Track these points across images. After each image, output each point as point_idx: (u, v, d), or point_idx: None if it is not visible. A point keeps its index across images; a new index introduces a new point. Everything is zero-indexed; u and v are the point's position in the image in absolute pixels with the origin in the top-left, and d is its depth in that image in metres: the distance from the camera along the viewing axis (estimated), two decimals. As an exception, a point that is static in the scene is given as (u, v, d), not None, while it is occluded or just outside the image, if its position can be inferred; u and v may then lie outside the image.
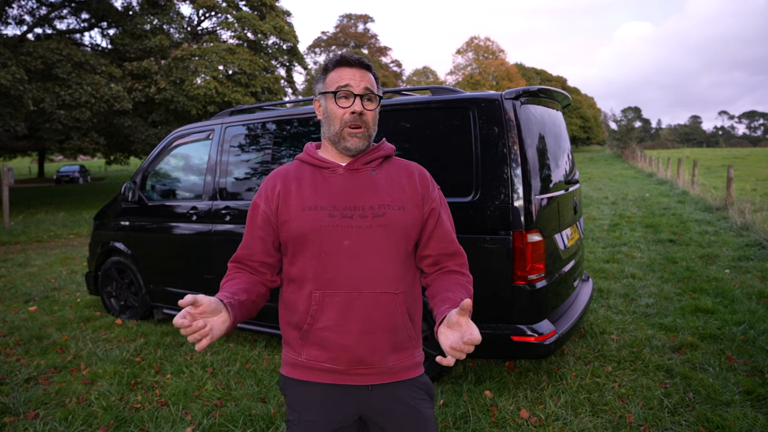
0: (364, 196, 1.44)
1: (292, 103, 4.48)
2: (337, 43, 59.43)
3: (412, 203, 1.47)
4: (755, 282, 5.43)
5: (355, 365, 1.42)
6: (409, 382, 1.48)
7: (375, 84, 1.49)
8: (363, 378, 1.44)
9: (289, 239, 1.45)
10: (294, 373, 1.49)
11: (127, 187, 4.85)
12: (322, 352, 1.43)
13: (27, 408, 3.24)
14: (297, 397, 1.48)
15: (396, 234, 1.43)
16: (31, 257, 8.75)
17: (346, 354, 1.41)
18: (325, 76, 1.49)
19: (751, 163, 30.92)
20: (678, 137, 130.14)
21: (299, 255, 1.44)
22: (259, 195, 1.51)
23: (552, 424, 2.88)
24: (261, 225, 1.48)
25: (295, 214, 1.43)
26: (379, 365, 1.43)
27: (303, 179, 1.48)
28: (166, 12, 20.30)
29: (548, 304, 3.19)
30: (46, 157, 43.43)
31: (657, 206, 11.93)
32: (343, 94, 1.44)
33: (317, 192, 1.44)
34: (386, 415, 1.45)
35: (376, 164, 1.51)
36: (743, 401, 3.02)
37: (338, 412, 1.44)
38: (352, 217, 1.41)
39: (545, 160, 3.38)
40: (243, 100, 19.16)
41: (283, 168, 1.54)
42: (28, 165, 55.76)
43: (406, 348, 1.48)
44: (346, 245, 1.40)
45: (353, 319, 1.40)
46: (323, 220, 1.41)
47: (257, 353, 4.04)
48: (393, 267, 1.43)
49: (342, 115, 1.44)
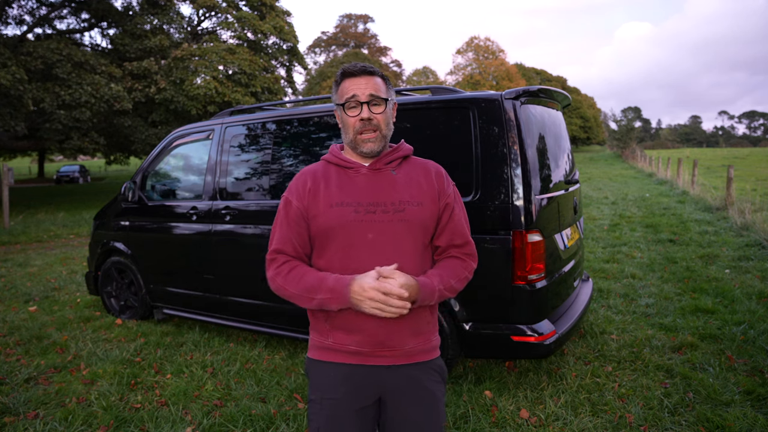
0: (385, 194, 1.58)
1: (292, 103, 4.48)
2: (337, 43, 59.45)
3: (429, 199, 1.61)
4: (755, 282, 5.43)
5: (378, 348, 1.56)
6: (426, 365, 1.62)
7: (382, 87, 1.60)
8: (385, 359, 1.57)
9: (318, 233, 1.59)
10: (321, 355, 1.62)
11: (127, 187, 4.85)
12: (348, 335, 1.57)
13: (27, 408, 3.24)
14: (322, 377, 1.60)
15: (415, 228, 1.58)
16: (31, 257, 8.75)
17: (370, 337, 1.55)
18: (337, 88, 1.63)
19: (751, 163, 30.92)
20: (678, 137, 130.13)
21: (326, 248, 1.59)
22: (291, 192, 1.64)
23: (552, 424, 2.88)
24: (296, 220, 1.61)
25: (323, 210, 1.57)
26: (400, 348, 1.57)
27: (330, 178, 1.62)
28: (166, 12, 20.30)
29: (548, 304, 3.19)
30: (46, 157, 43.44)
31: (657, 206, 11.93)
32: (351, 105, 1.58)
33: (343, 190, 1.59)
34: (402, 394, 1.58)
35: (396, 164, 1.65)
36: (743, 401, 3.02)
37: (361, 391, 1.57)
38: (375, 212, 1.56)
39: (545, 160, 3.38)
40: (243, 100, 19.16)
41: (311, 167, 1.68)
42: (28, 165, 55.77)
43: (424, 333, 1.62)
44: (369, 238, 1.54)
45: None
46: (349, 216, 1.55)
47: (257, 353, 4.04)
48: (412, 258, 1.58)
49: (353, 124, 1.58)
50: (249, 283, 4.03)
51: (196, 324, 4.79)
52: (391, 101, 1.64)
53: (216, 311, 4.30)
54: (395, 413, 1.59)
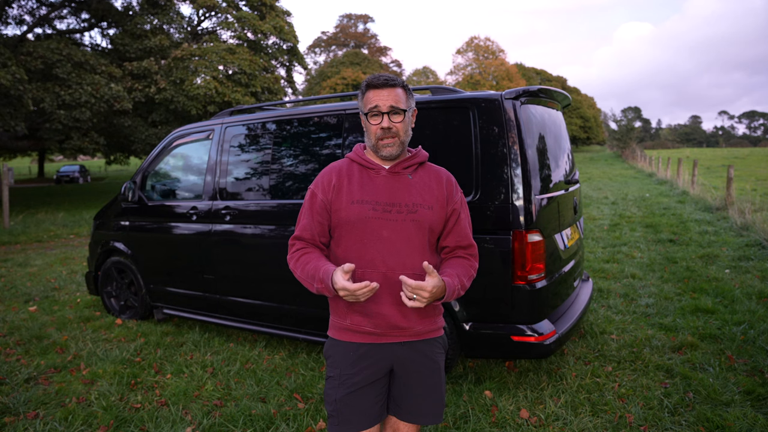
0: (401, 195, 1.78)
1: (292, 103, 4.48)
2: (337, 43, 59.45)
3: (438, 204, 1.81)
4: (755, 282, 5.43)
5: (391, 329, 1.77)
6: (432, 341, 1.85)
7: (402, 98, 1.77)
8: (397, 338, 1.79)
9: (338, 225, 1.79)
10: (341, 335, 1.82)
11: (127, 187, 4.85)
12: (364, 318, 1.77)
13: (27, 408, 3.24)
14: (340, 355, 1.80)
15: (424, 228, 1.77)
16: (31, 257, 8.75)
17: (384, 320, 1.76)
18: (362, 97, 1.82)
19: (751, 163, 30.91)
20: (678, 137, 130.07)
21: (344, 238, 1.79)
22: (317, 185, 1.84)
23: (552, 424, 2.88)
24: (319, 211, 1.82)
25: (345, 205, 1.77)
26: (410, 329, 1.79)
27: (353, 176, 1.82)
28: (166, 12, 20.29)
29: (548, 304, 3.19)
30: (46, 157, 43.43)
31: (657, 206, 11.93)
32: (373, 114, 1.77)
33: (364, 188, 1.79)
34: (409, 364, 1.81)
35: (413, 169, 1.84)
36: (743, 401, 3.02)
37: (375, 366, 1.78)
38: (390, 211, 1.76)
39: (545, 160, 3.38)
40: (243, 100, 19.15)
41: (337, 164, 1.87)
42: (28, 165, 55.73)
43: (431, 316, 1.83)
44: (384, 235, 1.74)
45: (388, 293, 1.74)
46: (367, 212, 1.75)
47: (257, 353, 4.04)
48: (420, 254, 1.77)
49: (375, 131, 1.78)
50: (249, 283, 4.03)
51: (196, 324, 4.79)
52: (411, 110, 1.82)
53: (216, 311, 4.30)
54: (407, 379, 1.81)
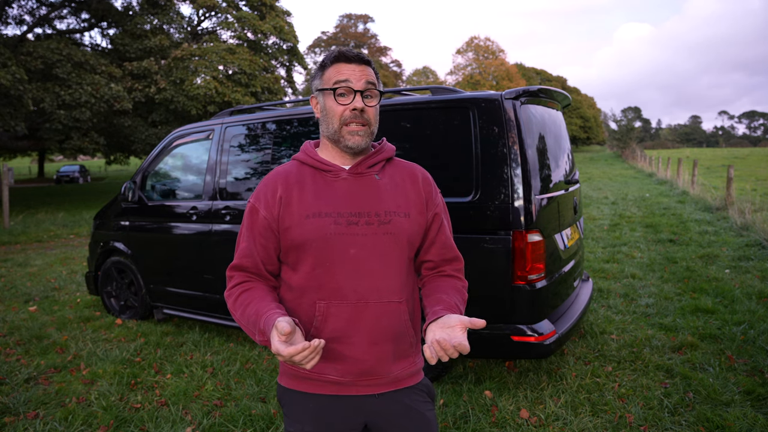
0: (369, 202, 1.38)
1: (292, 103, 4.48)
2: (337, 43, 59.39)
3: (416, 210, 1.43)
4: (755, 282, 5.43)
5: (362, 376, 1.38)
6: (413, 388, 1.46)
7: (376, 79, 1.41)
8: (370, 388, 1.40)
9: (291, 247, 1.38)
10: (296, 384, 1.43)
11: (127, 187, 4.85)
12: (327, 364, 1.37)
13: (27, 408, 3.24)
14: (299, 408, 1.42)
15: (402, 242, 1.39)
16: (31, 257, 8.75)
17: (354, 366, 1.37)
18: (322, 72, 1.41)
19: (751, 163, 30.91)
20: (678, 137, 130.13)
21: (301, 263, 1.38)
22: (257, 199, 1.41)
23: (552, 424, 2.88)
24: (262, 232, 1.40)
25: (298, 221, 1.36)
26: (386, 375, 1.40)
27: (305, 183, 1.40)
28: (166, 12, 20.30)
29: (548, 304, 3.19)
30: (46, 157, 43.42)
31: (657, 206, 11.93)
32: (342, 91, 1.35)
33: (320, 197, 1.37)
34: (391, 421, 1.42)
35: (380, 167, 1.44)
36: (743, 401, 3.02)
37: (344, 422, 1.40)
38: (357, 224, 1.35)
39: (545, 160, 3.38)
40: (243, 100, 19.15)
41: (282, 170, 1.45)
42: (28, 165, 55.73)
43: (409, 355, 1.45)
44: (352, 254, 1.34)
45: (360, 330, 1.36)
46: (328, 228, 1.34)
47: (257, 353, 4.04)
48: (398, 275, 1.40)
49: (341, 113, 1.36)
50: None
51: (196, 324, 4.79)
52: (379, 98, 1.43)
53: (216, 311, 4.30)
54: None
